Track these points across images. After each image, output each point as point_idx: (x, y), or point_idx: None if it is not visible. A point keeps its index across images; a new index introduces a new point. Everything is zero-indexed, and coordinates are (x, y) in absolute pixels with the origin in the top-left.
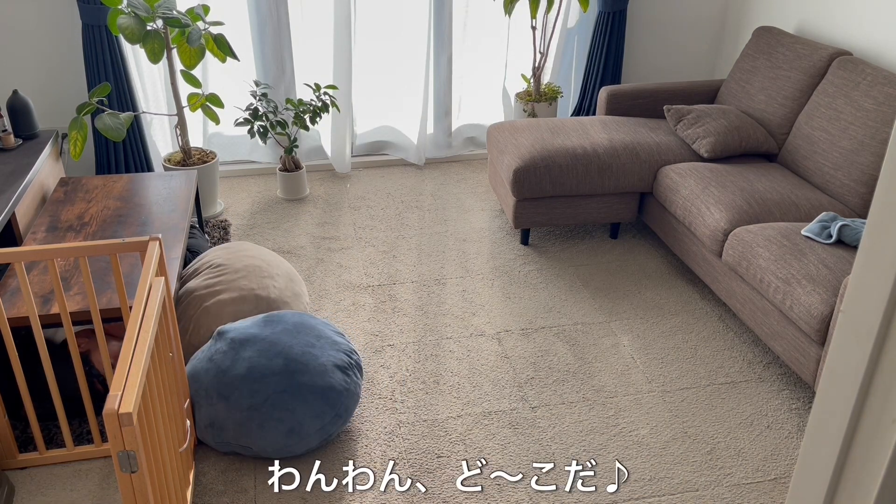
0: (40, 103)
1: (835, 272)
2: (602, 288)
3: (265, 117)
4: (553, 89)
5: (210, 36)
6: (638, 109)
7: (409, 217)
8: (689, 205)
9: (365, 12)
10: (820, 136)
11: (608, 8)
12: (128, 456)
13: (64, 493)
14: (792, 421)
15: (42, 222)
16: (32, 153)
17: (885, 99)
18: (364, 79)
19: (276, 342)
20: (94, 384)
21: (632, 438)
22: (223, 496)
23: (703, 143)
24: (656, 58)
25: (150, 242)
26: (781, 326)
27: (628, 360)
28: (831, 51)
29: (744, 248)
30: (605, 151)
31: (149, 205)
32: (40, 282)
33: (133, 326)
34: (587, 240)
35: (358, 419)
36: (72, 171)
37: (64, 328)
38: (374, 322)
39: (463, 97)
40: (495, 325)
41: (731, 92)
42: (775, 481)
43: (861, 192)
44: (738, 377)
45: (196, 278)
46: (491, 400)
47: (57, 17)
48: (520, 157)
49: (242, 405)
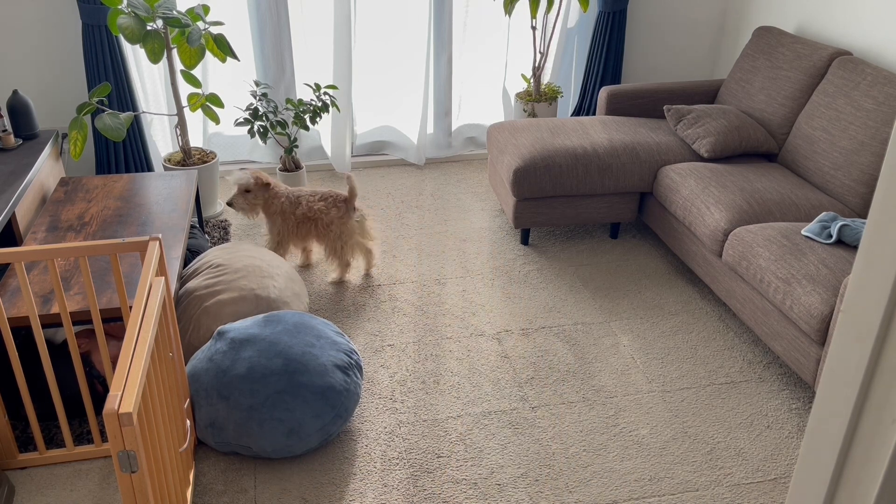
0: (40, 103)
1: (835, 272)
2: (602, 288)
3: (265, 117)
4: (553, 89)
5: (210, 36)
6: (638, 109)
7: (409, 217)
8: (689, 205)
9: (365, 12)
10: (820, 136)
11: (608, 8)
12: (128, 456)
13: (64, 493)
14: (792, 421)
15: (42, 222)
16: (32, 153)
17: (885, 99)
18: (364, 79)
19: (275, 342)
20: (94, 384)
21: (632, 438)
22: (223, 496)
23: (703, 143)
24: (656, 58)
25: (150, 242)
26: (781, 326)
27: (628, 360)
28: (831, 51)
29: (744, 248)
30: (605, 151)
31: (149, 205)
32: (40, 282)
33: (133, 326)
34: (587, 240)
35: (358, 419)
36: (72, 171)
37: (64, 328)
38: (374, 322)
39: (463, 97)
40: (495, 325)
41: (731, 92)
42: (775, 481)
43: (861, 192)
44: (738, 377)
45: (196, 278)
46: (491, 400)
47: (57, 17)
48: (520, 157)
49: (242, 405)
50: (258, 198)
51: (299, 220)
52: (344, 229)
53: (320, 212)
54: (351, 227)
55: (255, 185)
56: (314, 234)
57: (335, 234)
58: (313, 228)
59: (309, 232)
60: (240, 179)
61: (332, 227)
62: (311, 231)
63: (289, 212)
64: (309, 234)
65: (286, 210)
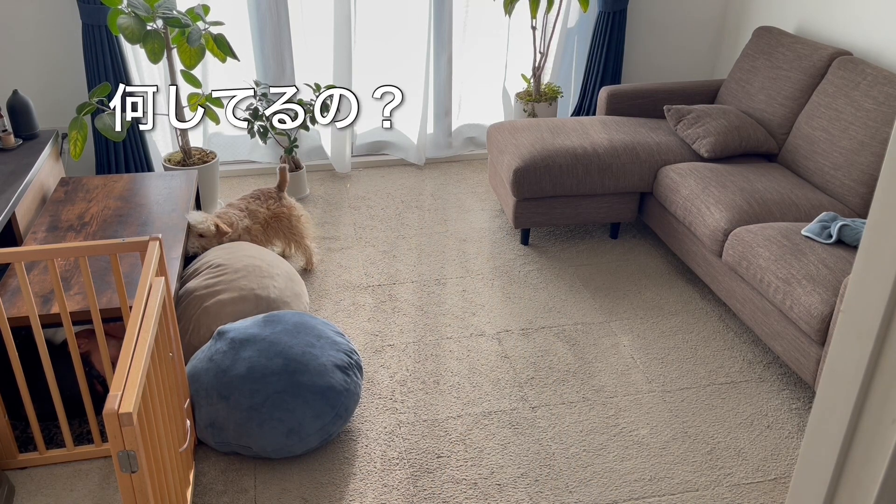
0: (40, 103)
1: (835, 272)
2: (602, 288)
3: (265, 117)
4: (553, 89)
5: (210, 36)
6: (638, 109)
7: (409, 217)
8: (689, 205)
9: (365, 12)
10: (820, 136)
11: (608, 8)
12: (128, 456)
13: (64, 493)
14: (792, 421)
15: (42, 222)
16: (32, 153)
17: (885, 99)
18: (364, 79)
19: (276, 342)
20: (94, 384)
21: (632, 438)
22: (223, 496)
23: (704, 143)
24: (656, 58)
25: (150, 242)
26: (781, 326)
27: (628, 360)
28: (831, 51)
29: (744, 248)
30: (605, 151)
31: (149, 205)
32: (40, 282)
33: (133, 326)
34: (587, 240)
35: (358, 419)
36: (72, 171)
37: (64, 328)
38: (374, 322)
39: (463, 97)
40: (495, 325)
41: (731, 92)
42: (775, 481)
43: (861, 192)
44: (738, 377)
45: (196, 278)
46: (491, 400)
47: (57, 17)
48: (520, 157)
49: (242, 405)
50: (212, 243)
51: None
52: (291, 216)
53: (259, 211)
54: (295, 212)
55: (213, 233)
56: (271, 234)
57: (285, 225)
58: (267, 230)
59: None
60: (198, 224)
61: (281, 220)
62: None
63: (240, 236)
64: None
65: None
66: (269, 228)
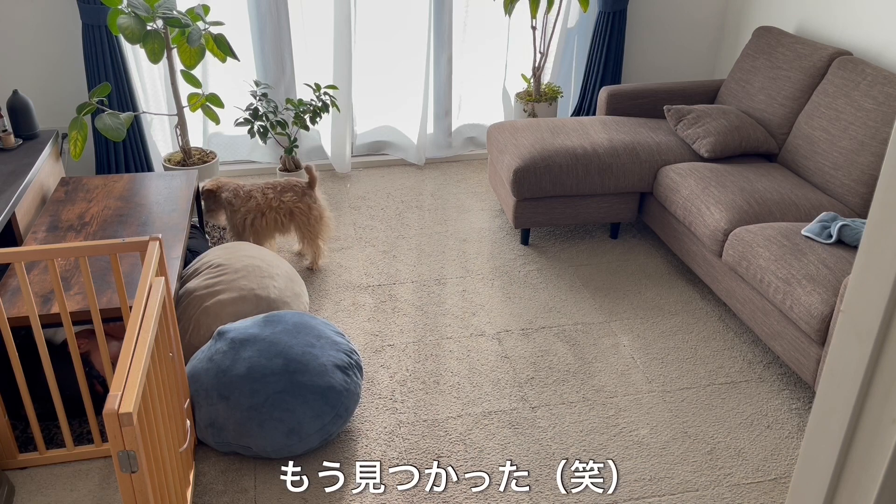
0: (40, 103)
1: (835, 272)
2: (602, 288)
3: (265, 117)
4: (553, 89)
5: (210, 36)
6: (638, 109)
7: (409, 217)
8: (689, 205)
9: (365, 12)
10: (820, 136)
11: (608, 8)
12: (128, 456)
13: (64, 493)
14: (792, 421)
15: (42, 222)
16: (32, 153)
17: (885, 99)
18: (364, 79)
19: (276, 342)
20: (94, 384)
21: (632, 438)
22: (223, 496)
23: (704, 143)
24: (656, 58)
25: (150, 242)
26: (781, 326)
27: (628, 360)
28: (831, 51)
29: (744, 248)
30: (605, 151)
31: (149, 205)
32: (40, 282)
33: (133, 326)
34: (587, 240)
35: (358, 419)
36: (72, 171)
37: (64, 328)
38: (374, 322)
39: (463, 97)
40: (495, 325)
41: (731, 92)
42: (775, 481)
43: (861, 192)
44: (738, 377)
45: (196, 278)
46: (491, 400)
47: (57, 17)
48: (520, 157)
49: (242, 405)
50: (220, 205)
51: (255, 212)
52: (310, 214)
53: (291, 202)
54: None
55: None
56: (289, 224)
57: (301, 220)
58: (287, 219)
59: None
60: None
61: (295, 215)
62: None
63: (237, 206)
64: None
65: (235, 205)
66: (286, 218)
